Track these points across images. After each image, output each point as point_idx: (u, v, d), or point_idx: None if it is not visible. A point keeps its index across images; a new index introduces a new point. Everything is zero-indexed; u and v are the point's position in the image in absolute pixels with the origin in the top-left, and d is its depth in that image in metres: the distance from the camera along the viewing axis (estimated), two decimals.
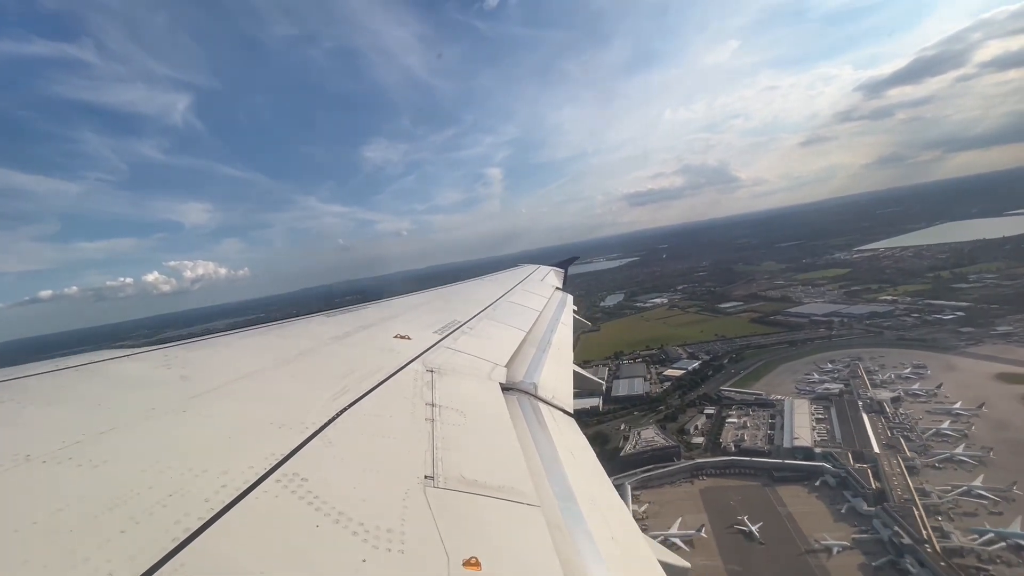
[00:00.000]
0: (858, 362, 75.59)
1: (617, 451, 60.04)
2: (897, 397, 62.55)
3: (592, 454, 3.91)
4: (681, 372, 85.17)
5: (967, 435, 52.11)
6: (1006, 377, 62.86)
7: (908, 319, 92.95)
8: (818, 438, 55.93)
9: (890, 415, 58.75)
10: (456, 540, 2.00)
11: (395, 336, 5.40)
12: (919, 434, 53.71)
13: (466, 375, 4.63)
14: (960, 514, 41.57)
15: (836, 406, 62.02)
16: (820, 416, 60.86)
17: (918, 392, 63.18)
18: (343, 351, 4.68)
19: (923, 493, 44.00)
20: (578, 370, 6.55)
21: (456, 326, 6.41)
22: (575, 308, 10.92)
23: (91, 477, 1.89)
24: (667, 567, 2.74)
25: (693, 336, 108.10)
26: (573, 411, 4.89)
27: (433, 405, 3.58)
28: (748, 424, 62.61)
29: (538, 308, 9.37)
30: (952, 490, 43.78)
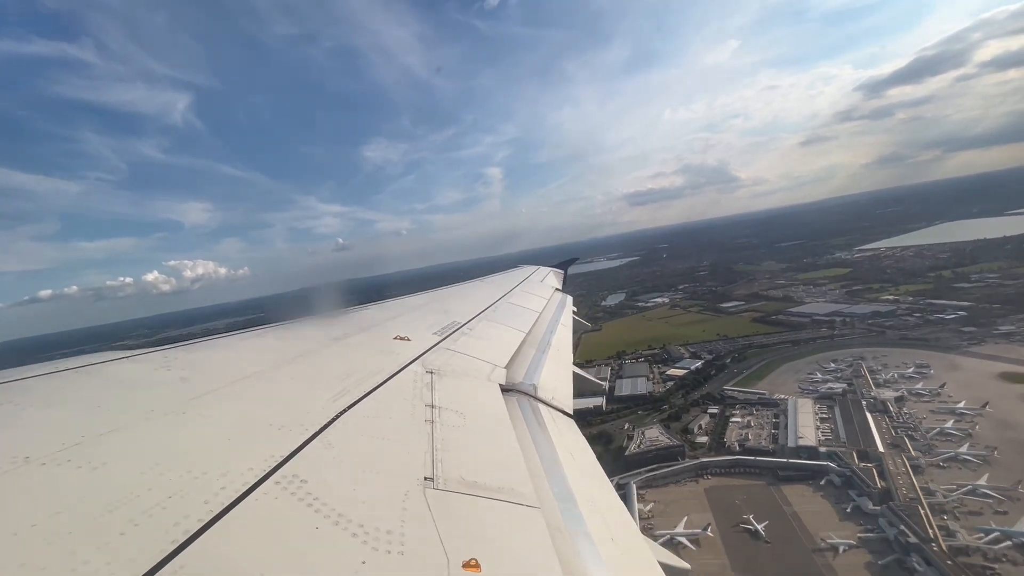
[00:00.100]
0: (861, 361, 75.29)
1: (622, 450, 59.91)
2: (901, 396, 62.29)
3: (592, 455, 3.90)
4: (684, 371, 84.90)
5: (971, 434, 51.93)
6: (1009, 376, 62.63)
7: (910, 319, 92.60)
8: (823, 437, 55.71)
9: (894, 414, 58.54)
10: (456, 541, 2.00)
11: (395, 337, 5.40)
12: (923, 433, 53.56)
13: (466, 376, 4.63)
14: (965, 513, 41.45)
15: (840, 405, 61.78)
16: (824, 415, 60.63)
17: (921, 391, 62.93)
18: (343, 352, 4.67)
19: (928, 492, 43.87)
20: (578, 371, 6.55)
21: (456, 327, 6.41)
22: (575, 309, 10.91)
23: (90, 479, 1.89)
24: (667, 568, 2.74)
25: (695, 336, 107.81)
26: (573, 412, 4.89)
27: (433, 406, 3.58)
28: (752, 423, 62.36)
29: (538, 309, 9.36)
30: (957, 489, 43.65)
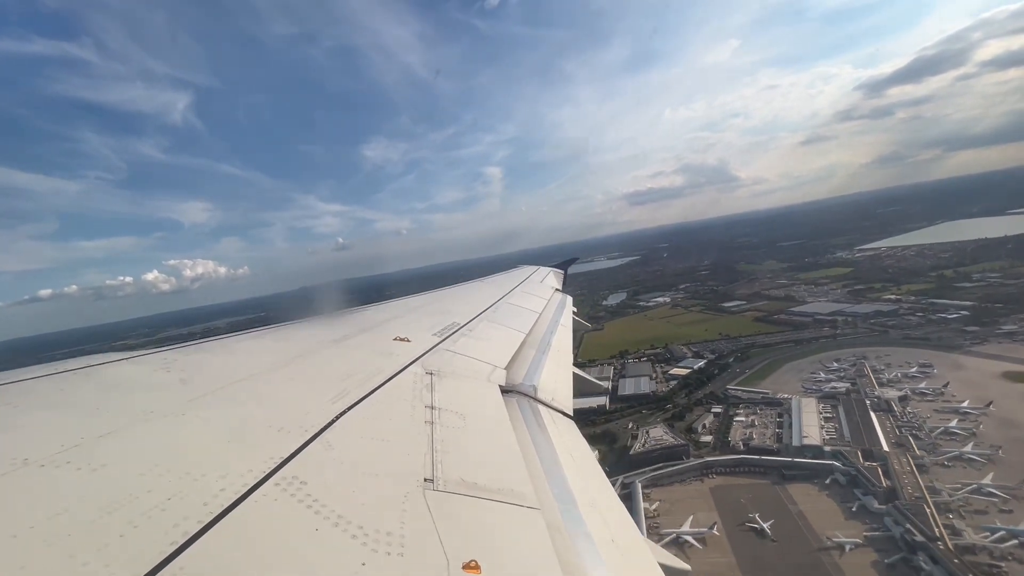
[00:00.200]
0: (864, 361, 75.07)
1: (626, 449, 59.88)
2: (904, 396, 62.11)
3: (592, 456, 3.89)
4: (687, 371, 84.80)
5: (975, 433, 51.78)
6: (1012, 376, 62.42)
7: (912, 318, 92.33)
8: (827, 436, 55.59)
9: (898, 413, 58.40)
10: (456, 543, 2.00)
11: (394, 338, 5.39)
12: (928, 432, 53.41)
13: (466, 377, 4.63)
14: (971, 512, 41.36)
15: (844, 405, 61.64)
16: (828, 415, 60.50)
17: (925, 391, 62.75)
18: (342, 353, 4.67)
19: (933, 491, 43.76)
20: (578, 372, 6.54)
21: (455, 328, 6.40)
22: (575, 309, 10.90)
23: (89, 481, 1.89)
24: (667, 569, 2.73)
25: (697, 335, 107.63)
26: (575, 412, 4.88)
27: (433, 408, 3.58)
28: (756, 423, 62.25)
29: (537, 310, 9.34)
30: (962, 488, 43.53)
